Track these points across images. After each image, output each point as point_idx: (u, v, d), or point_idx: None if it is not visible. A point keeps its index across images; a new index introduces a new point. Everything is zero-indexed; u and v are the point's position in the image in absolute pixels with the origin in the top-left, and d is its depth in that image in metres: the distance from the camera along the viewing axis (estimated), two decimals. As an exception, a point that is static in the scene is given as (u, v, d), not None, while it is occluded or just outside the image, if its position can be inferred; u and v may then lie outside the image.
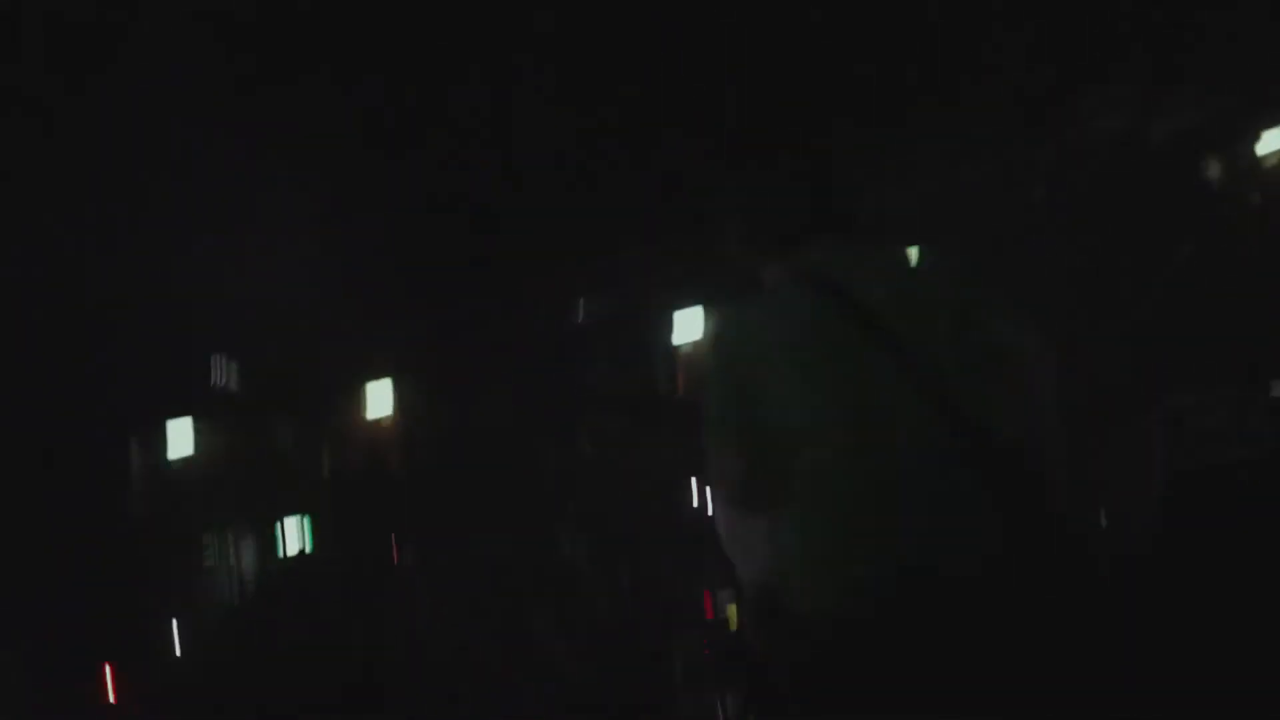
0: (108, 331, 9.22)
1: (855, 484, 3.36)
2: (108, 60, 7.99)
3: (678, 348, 10.06)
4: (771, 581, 3.48)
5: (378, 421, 10.51)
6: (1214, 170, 9.47)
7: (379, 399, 10.49)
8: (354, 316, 9.78)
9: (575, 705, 9.41)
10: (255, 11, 8.11)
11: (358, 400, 10.48)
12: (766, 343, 3.46)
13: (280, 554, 10.41)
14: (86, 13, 7.84)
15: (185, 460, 10.08)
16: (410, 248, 9.55)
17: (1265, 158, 9.45)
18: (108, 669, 9.63)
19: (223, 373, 9.93)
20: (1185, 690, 5.78)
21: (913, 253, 3.72)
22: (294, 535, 10.42)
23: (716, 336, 3.61)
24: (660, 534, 10.01)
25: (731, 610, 8.97)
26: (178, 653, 10.01)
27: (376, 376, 10.43)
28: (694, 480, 9.95)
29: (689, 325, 10.06)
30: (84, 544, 9.45)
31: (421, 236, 9.52)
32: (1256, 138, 9.46)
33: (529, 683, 9.65)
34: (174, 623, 10.04)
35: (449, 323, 10.38)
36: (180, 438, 10.01)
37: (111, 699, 9.63)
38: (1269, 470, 7.00)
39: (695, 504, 10.02)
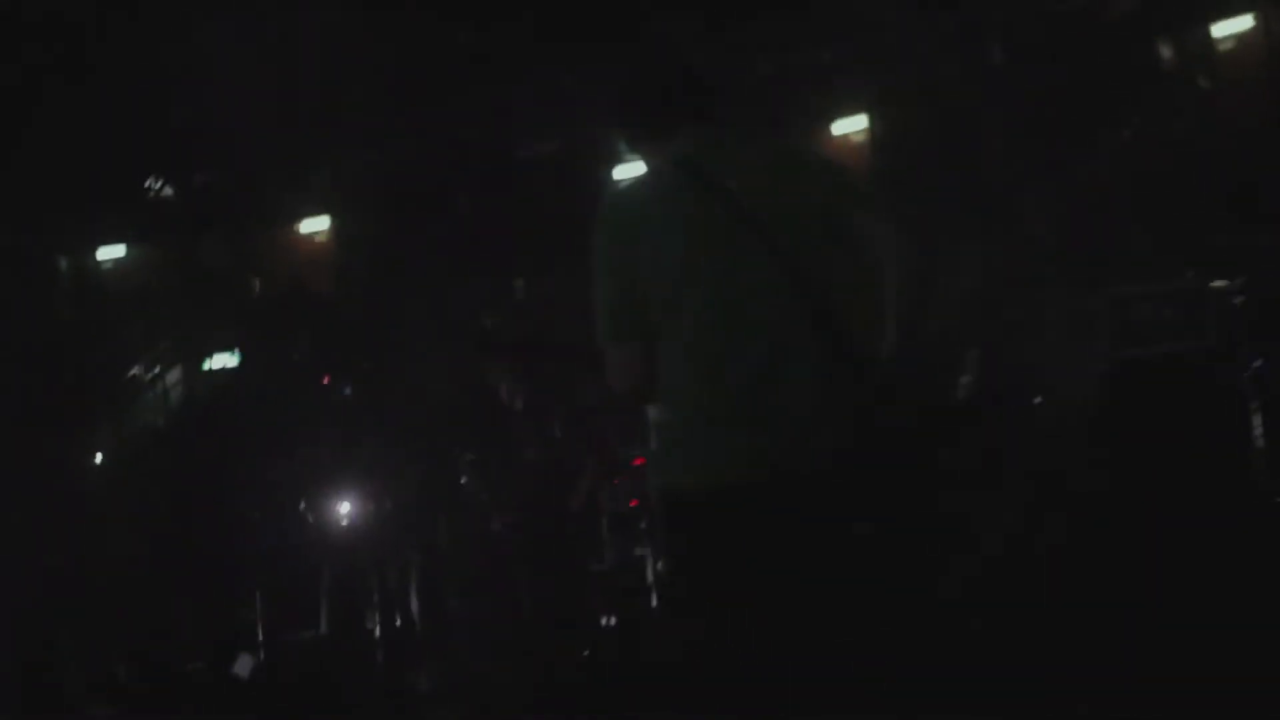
0: (50, 149, 9.05)
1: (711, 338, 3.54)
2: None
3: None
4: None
5: (314, 247, 10.44)
6: (1165, 53, 9.47)
7: (317, 228, 10.42)
8: (296, 146, 9.68)
9: (498, 549, 9.43)
10: None
11: (296, 227, 10.39)
12: (643, 218, 3.64)
13: (209, 376, 10.33)
14: None
15: (121, 286, 9.98)
16: (357, 80, 9.43)
17: (1217, 42, 9.46)
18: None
19: (160, 194, 9.77)
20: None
21: (780, 143, 3.83)
22: (224, 358, 10.34)
23: (601, 209, 3.72)
24: (591, 377, 9.98)
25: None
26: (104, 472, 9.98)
27: (316, 207, 10.34)
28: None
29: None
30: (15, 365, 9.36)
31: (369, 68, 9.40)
32: (1210, 23, 9.47)
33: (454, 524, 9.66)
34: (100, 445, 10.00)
35: (388, 158, 10.31)
36: (115, 262, 9.90)
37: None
38: (1207, 361, 7.14)
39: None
